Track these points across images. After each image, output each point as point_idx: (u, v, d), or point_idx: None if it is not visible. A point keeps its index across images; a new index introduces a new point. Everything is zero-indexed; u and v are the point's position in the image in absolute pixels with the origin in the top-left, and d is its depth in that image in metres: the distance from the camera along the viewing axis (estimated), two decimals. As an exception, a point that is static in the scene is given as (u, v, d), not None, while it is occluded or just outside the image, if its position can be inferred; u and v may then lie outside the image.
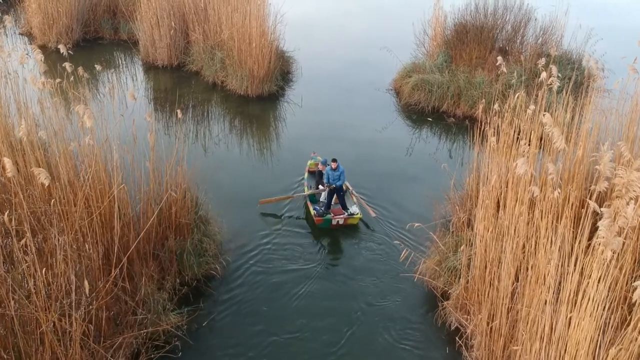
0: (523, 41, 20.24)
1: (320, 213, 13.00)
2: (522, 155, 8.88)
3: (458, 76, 18.69)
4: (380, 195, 14.24)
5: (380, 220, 13.22)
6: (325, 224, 12.93)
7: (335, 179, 13.27)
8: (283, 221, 13.25)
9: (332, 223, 12.93)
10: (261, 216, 13.30)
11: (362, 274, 11.52)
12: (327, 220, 12.90)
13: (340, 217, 12.97)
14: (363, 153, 16.42)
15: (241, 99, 19.54)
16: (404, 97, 19.27)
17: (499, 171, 9.82)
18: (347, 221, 13.02)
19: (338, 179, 13.28)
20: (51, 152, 9.94)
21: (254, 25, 18.87)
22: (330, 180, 13.27)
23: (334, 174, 13.26)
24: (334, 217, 12.96)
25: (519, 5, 20.59)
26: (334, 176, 13.27)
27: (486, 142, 11.67)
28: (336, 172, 13.26)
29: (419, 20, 21.07)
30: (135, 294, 9.52)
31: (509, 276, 8.49)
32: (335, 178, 13.27)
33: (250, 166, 15.71)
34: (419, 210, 13.35)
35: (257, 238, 12.45)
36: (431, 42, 21.33)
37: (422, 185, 14.50)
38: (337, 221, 12.94)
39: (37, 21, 24.32)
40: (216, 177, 14.40)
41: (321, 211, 13.08)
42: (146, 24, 21.72)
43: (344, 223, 13.01)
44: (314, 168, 14.61)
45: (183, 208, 10.84)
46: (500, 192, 9.56)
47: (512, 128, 10.44)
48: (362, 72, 22.48)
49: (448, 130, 18.00)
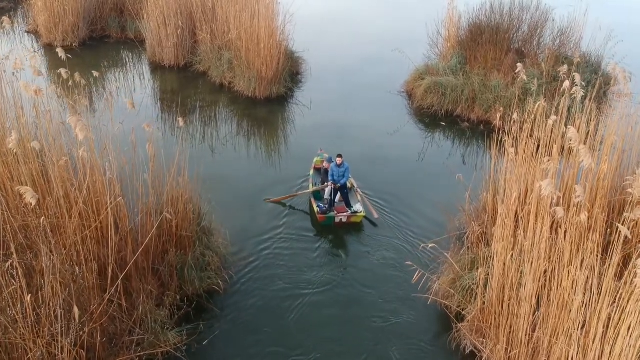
0: (540, 43, 19.58)
1: (324, 210, 12.84)
2: (544, 169, 8.32)
3: (473, 79, 18.06)
4: (392, 201, 13.73)
5: (392, 228, 12.70)
6: (329, 222, 12.78)
7: (340, 176, 13.08)
8: (287, 223, 12.83)
9: (335, 221, 12.78)
10: (266, 219, 12.89)
11: (371, 287, 10.97)
12: (330, 217, 12.75)
13: (344, 215, 12.79)
14: (374, 157, 15.90)
15: (249, 100, 19.02)
16: (417, 100, 18.68)
17: (518, 186, 9.24)
18: (351, 219, 12.85)
19: (343, 176, 13.09)
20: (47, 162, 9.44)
21: (262, 25, 18.36)
22: (334, 177, 13.07)
23: (339, 171, 13.06)
24: (337, 214, 12.80)
25: (535, 5, 19.93)
26: (338, 173, 13.07)
27: (503, 152, 11.13)
28: (341, 168, 13.05)
29: (433, 20, 20.47)
30: (133, 312, 9.04)
31: (529, 301, 7.93)
32: (340, 175, 13.07)
33: (257, 169, 15.21)
34: (431, 219, 12.90)
35: (261, 245, 11.98)
36: (445, 43, 20.72)
37: (434, 193, 13.98)
38: (341, 219, 12.78)
39: (43, 19, 23.91)
40: (222, 181, 14.03)
41: (324, 208, 12.91)
42: (153, 23, 21.25)
43: (347, 221, 12.83)
44: (320, 165, 14.44)
45: (184, 220, 10.34)
46: (519, 207, 8.99)
47: (532, 140, 9.86)
48: (373, 73, 21.90)
49: (462, 135, 17.39)
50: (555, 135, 9.75)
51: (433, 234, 12.33)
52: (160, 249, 10.01)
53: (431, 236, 12.27)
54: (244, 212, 13.08)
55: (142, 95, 19.48)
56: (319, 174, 14.34)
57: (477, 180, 12.63)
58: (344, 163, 13.09)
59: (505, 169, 10.78)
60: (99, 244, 9.07)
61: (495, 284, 8.74)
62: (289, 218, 13.09)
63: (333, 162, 13.21)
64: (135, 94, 19.58)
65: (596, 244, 6.89)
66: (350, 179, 13.80)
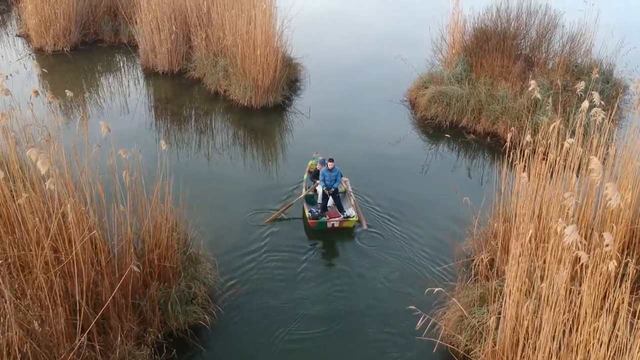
0: (549, 50, 18.70)
1: (315, 215, 12.62)
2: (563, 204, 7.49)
3: (479, 88, 17.19)
4: (394, 217, 13.01)
5: (393, 249, 11.94)
6: (321, 227, 12.58)
7: (332, 181, 12.86)
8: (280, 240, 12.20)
9: (327, 226, 12.58)
10: (258, 237, 12.21)
11: (371, 320, 10.18)
12: (322, 222, 12.55)
13: (335, 220, 12.58)
14: (375, 169, 15.12)
15: (244, 110, 18.20)
16: (420, 110, 17.83)
17: (532, 218, 8.41)
18: (343, 224, 12.64)
19: (334, 180, 12.88)
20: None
21: (258, 32, 17.53)
22: (326, 182, 12.86)
23: (331, 175, 12.83)
24: (329, 219, 12.60)
25: (543, 10, 19.05)
26: (330, 177, 12.83)
27: (514, 174, 10.33)
28: (332, 172, 12.82)
29: (436, 24, 19.63)
30: (110, 355, 8.26)
31: (546, 353, 7.11)
32: (331, 179, 12.85)
33: (251, 183, 14.40)
34: (437, 238, 12.22)
35: (253, 269, 11.25)
36: (449, 50, 19.87)
37: (439, 209, 13.29)
38: (332, 224, 12.58)
39: (34, 23, 23.11)
40: (213, 198, 13.36)
41: (316, 213, 12.69)
42: (146, 28, 20.43)
43: (339, 226, 12.64)
44: (314, 168, 14.19)
45: (168, 249, 9.53)
46: (534, 243, 8.17)
47: (546, 164, 9.04)
48: (374, 79, 21.03)
49: (467, 147, 16.54)
50: (574, 162, 8.94)
51: (438, 257, 11.58)
52: (141, 282, 9.21)
53: (436, 259, 11.52)
54: (236, 232, 12.29)
55: (133, 104, 18.70)
56: (311, 177, 14.06)
57: (485, 197, 11.85)
58: (335, 167, 12.84)
59: (517, 193, 9.98)
60: (72, 280, 8.27)
61: (508, 328, 7.92)
62: (282, 235, 12.39)
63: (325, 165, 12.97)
64: (125, 103, 18.79)
65: (627, 294, 6.08)
66: (344, 183, 13.65)
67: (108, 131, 8.10)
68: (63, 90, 19.76)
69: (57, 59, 22.47)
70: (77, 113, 18.07)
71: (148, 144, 15.46)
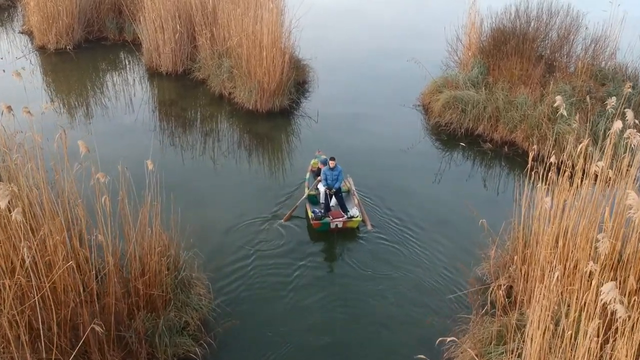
0: (570, 52, 17.68)
1: (318, 216, 12.21)
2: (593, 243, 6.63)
3: (496, 94, 16.23)
4: (403, 234, 12.20)
5: (402, 271, 11.06)
6: (324, 228, 12.23)
7: (334, 180, 12.57)
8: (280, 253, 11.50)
9: (330, 227, 12.21)
10: (258, 254, 11.44)
11: (376, 345, 9.38)
12: (325, 223, 12.19)
13: (339, 220, 12.21)
14: (385, 178, 14.30)
15: (249, 114, 17.41)
16: (434, 116, 16.91)
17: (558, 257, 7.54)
18: (346, 224, 12.27)
19: (336, 179, 12.59)
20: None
21: (265, 32, 16.71)
22: (328, 181, 12.59)
23: (332, 174, 12.54)
24: (332, 220, 12.22)
25: (565, 10, 18.03)
26: (332, 176, 12.56)
27: (534, 193, 9.47)
28: (334, 171, 12.54)
29: (452, 24, 18.71)
30: (88, 395, 7.54)
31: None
32: (333, 179, 12.57)
33: (254, 192, 13.63)
34: (448, 258, 11.42)
35: (251, 288, 10.53)
36: (465, 51, 18.94)
37: (452, 225, 12.50)
38: (336, 224, 12.22)
39: (36, 20, 22.46)
40: (211, 210, 12.69)
41: (319, 214, 12.26)
42: (149, 27, 19.68)
43: (342, 226, 12.26)
44: (317, 167, 13.88)
45: (157, 276, 8.78)
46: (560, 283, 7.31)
47: (572, 192, 8.16)
48: (386, 83, 20.15)
49: (483, 156, 15.62)
50: (602, 187, 8.06)
51: (450, 280, 10.74)
52: (126, 312, 8.47)
53: (449, 284, 10.67)
54: (234, 248, 11.52)
55: (135, 107, 18.00)
56: (314, 176, 13.70)
57: (501, 212, 11.01)
58: (337, 166, 12.56)
59: (538, 217, 9.13)
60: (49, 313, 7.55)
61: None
62: (283, 248, 11.68)
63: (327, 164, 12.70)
64: (127, 106, 18.10)
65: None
66: (347, 181, 13.41)
67: (87, 151, 7.33)
68: (62, 92, 19.38)
69: (59, 58, 21.84)
70: (76, 116, 17.43)
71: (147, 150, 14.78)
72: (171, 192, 9.41)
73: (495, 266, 10.29)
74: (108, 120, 17.15)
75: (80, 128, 16.40)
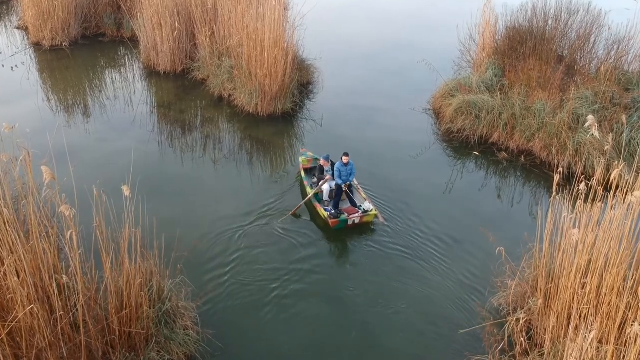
0: (592, 54, 16.56)
1: (335, 214, 11.95)
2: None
3: (512, 99, 15.17)
4: (408, 254, 11.27)
5: (407, 297, 10.10)
6: (341, 225, 11.95)
7: (348, 174, 12.40)
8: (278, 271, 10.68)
9: (347, 223, 11.95)
10: (249, 270, 10.62)
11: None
12: (343, 221, 11.91)
13: (356, 216, 11.97)
14: (391, 189, 13.37)
15: (250, 118, 16.47)
16: (445, 122, 15.89)
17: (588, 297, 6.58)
18: (363, 219, 12.06)
19: (350, 173, 12.43)
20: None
21: (267, 30, 15.73)
22: (342, 177, 12.35)
23: (346, 170, 12.36)
24: (349, 216, 11.95)
25: (585, 8, 16.89)
26: (346, 172, 12.35)
27: (558, 214, 8.52)
28: (348, 167, 12.36)
29: (465, 22, 17.68)
30: None
31: None
32: (347, 173, 12.38)
33: (249, 203, 12.67)
34: (459, 284, 10.50)
35: (248, 316, 9.56)
36: (479, 51, 17.90)
37: (463, 245, 11.65)
38: (353, 220, 11.98)
39: (31, 16, 21.60)
40: (203, 226, 11.76)
41: (336, 213, 12.01)
42: (147, 24, 18.76)
43: (359, 222, 12.04)
44: (308, 165, 13.70)
45: (137, 310, 7.90)
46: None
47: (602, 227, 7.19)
48: (395, 85, 19.15)
49: (497, 166, 14.60)
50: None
51: (461, 310, 9.80)
52: (100, 354, 7.59)
53: (459, 316, 9.72)
54: (227, 268, 10.64)
55: (130, 109, 17.12)
56: (308, 174, 13.48)
57: (517, 227, 10.08)
58: (350, 161, 12.38)
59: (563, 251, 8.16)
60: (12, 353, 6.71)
61: None
62: (279, 265, 10.83)
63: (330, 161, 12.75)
64: (122, 108, 17.20)
65: None
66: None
67: (53, 179, 6.42)
68: (56, 91, 18.53)
69: (54, 55, 21.01)
70: (67, 116, 16.58)
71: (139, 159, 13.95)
72: (153, 216, 8.47)
73: (513, 295, 9.33)
74: (100, 123, 16.30)
75: (64, 130, 15.57)
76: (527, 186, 13.88)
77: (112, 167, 13.47)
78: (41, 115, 16.53)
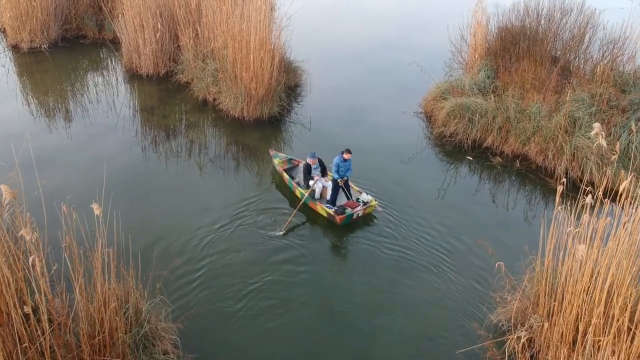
0: (586, 55, 16.14)
1: (340, 210, 11.90)
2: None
3: (506, 102, 14.71)
4: (400, 263, 10.82)
5: (399, 312, 9.56)
6: (347, 220, 11.92)
7: (347, 170, 12.42)
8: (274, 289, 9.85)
9: (353, 217, 11.95)
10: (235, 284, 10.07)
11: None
12: (349, 215, 11.87)
13: (360, 209, 11.99)
14: (382, 196, 12.82)
15: (235, 122, 15.89)
16: (437, 125, 15.40)
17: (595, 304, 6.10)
18: (366, 211, 12.16)
19: (348, 169, 12.45)
20: None
21: (252, 32, 15.16)
22: (340, 172, 12.38)
23: (345, 165, 12.35)
24: (354, 210, 11.91)
25: (579, 7, 16.49)
26: (344, 167, 12.36)
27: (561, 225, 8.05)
28: (347, 163, 12.38)
29: (456, 23, 17.24)
30: None
31: None
32: (345, 169, 12.39)
33: (239, 212, 12.14)
34: (452, 299, 9.96)
35: (234, 340, 8.94)
36: (470, 52, 17.45)
37: (458, 255, 11.16)
38: (358, 214, 11.99)
39: (8, 17, 20.87)
40: (186, 235, 11.21)
41: (340, 209, 11.95)
42: (129, 26, 18.12)
43: (363, 214, 12.10)
44: (285, 166, 13.57)
45: (112, 336, 7.32)
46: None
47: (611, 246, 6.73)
48: (385, 87, 18.63)
49: (492, 171, 14.13)
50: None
51: (458, 326, 9.30)
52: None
53: (455, 333, 9.23)
54: (212, 283, 10.08)
55: (111, 114, 16.49)
56: (290, 174, 13.39)
57: (514, 241, 9.70)
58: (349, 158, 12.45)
59: (567, 267, 7.69)
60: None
61: None
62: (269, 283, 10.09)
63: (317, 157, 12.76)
64: (102, 114, 16.57)
65: None
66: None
67: (14, 199, 5.84)
68: (35, 95, 17.87)
69: (33, 57, 20.33)
70: (44, 122, 15.94)
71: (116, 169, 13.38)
72: (129, 234, 7.91)
73: (514, 311, 8.84)
74: (81, 127, 15.69)
75: (44, 136, 14.96)
76: (523, 192, 13.43)
77: (90, 175, 12.76)
78: (20, 119, 15.91)
